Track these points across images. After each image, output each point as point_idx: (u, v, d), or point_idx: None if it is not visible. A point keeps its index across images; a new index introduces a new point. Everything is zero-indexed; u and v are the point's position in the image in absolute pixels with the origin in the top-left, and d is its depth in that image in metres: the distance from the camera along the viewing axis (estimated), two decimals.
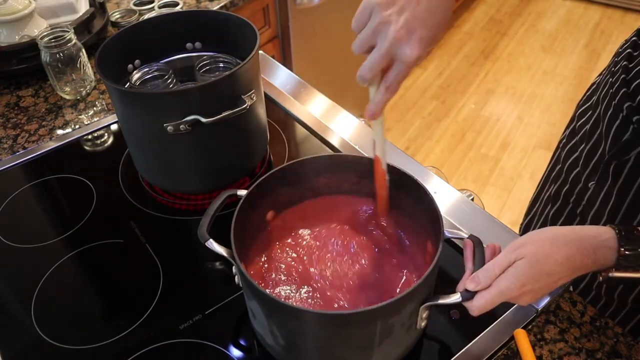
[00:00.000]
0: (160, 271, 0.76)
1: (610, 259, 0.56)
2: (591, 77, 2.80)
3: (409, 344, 0.63)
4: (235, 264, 0.58)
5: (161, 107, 0.73)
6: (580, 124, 0.83)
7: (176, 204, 0.86)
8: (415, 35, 0.54)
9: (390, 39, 0.55)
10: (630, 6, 3.25)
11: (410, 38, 0.54)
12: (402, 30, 0.54)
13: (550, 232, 0.57)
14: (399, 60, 0.56)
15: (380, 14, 0.55)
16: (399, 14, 0.55)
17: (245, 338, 0.68)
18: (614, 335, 0.67)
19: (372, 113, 0.60)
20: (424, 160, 2.35)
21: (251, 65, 0.76)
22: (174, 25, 0.88)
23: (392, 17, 0.55)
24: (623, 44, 0.77)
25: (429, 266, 0.56)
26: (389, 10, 0.55)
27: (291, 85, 1.07)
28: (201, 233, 0.62)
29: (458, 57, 2.98)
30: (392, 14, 0.55)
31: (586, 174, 0.78)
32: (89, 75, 1.10)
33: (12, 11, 1.11)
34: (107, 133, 1.01)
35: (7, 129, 1.02)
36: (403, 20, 0.54)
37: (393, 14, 0.55)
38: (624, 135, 0.69)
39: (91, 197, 0.87)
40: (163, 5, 1.31)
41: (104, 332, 0.69)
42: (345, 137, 0.95)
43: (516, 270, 0.55)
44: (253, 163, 0.88)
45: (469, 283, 0.57)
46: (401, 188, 0.67)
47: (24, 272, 0.78)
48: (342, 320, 0.54)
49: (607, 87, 0.75)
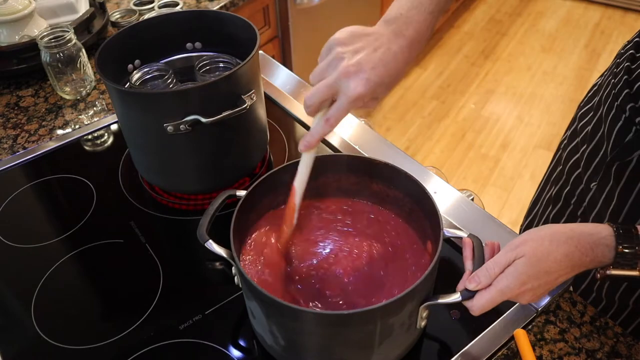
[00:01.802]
0: (160, 271, 0.76)
1: (608, 257, 0.56)
2: (591, 77, 2.80)
3: (409, 344, 0.63)
4: (235, 265, 0.58)
5: (161, 107, 0.73)
6: (581, 125, 0.82)
7: (176, 204, 0.86)
8: (363, 75, 0.57)
9: (338, 72, 0.58)
10: (630, 6, 3.25)
11: (358, 76, 0.57)
12: (352, 67, 0.57)
13: (548, 230, 0.57)
14: (343, 93, 0.58)
15: (336, 49, 0.59)
16: (354, 53, 0.58)
17: (245, 338, 0.68)
18: (614, 335, 0.67)
19: (307, 143, 0.61)
20: (424, 160, 2.35)
21: (251, 65, 0.76)
22: (174, 25, 0.88)
23: (346, 54, 0.58)
24: (625, 45, 0.77)
25: (428, 266, 0.56)
26: (345, 48, 0.59)
27: (291, 85, 1.07)
28: (200, 234, 0.62)
29: (458, 57, 2.98)
30: (347, 52, 0.58)
31: (587, 175, 0.77)
32: (89, 75, 1.10)
33: (12, 11, 1.11)
34: (107, 133, 1.01)
35: (7, 129, 1.02)
36: (355, 59, 0.58)
37: (348, 52, 0.58)
38: (626, 137, 0.69)
39: (91, 197, 0.87)
40: (163, 5, 1.31)
41: (104, 332, 0.69)
42: (345, 137, 0.95)
43: (516, 269, 0.55)
44: (253, 163, 0.88)
45: (469, 283, 0.57)
46: (401, 188, 0.67)
47: (24, 272, 0.78)
48: (342, 320, 0.54)
49: (609, 88, 0.75)
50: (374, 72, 0.57)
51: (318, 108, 0.60)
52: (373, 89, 0.58)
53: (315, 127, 0.61)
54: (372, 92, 0.58)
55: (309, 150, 0.62)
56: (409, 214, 0.68)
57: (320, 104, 0.59)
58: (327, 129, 0.60)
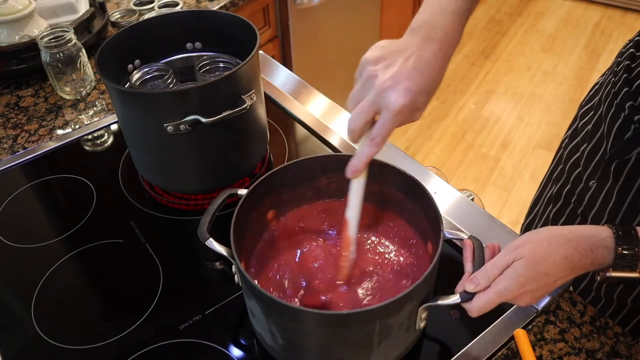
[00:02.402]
0: (160, 271, 0.76)
1: (608, 259, 0.56)
2: (591, 77, 2.80)
3: (408, 344, 0.63)
4: (235, 263, 0.58)
5: (161, 107, 0.73)
6: (582, 123, 0.83)
7: (176, 204, 0.86)
8: (401, 86, 0.56)
9: (376, 89, 0.56)
10: (630, 6, 3.25)
11: (396, 88, 0.56)
12: (388, 82, 0.56)
13: (548, 232, 0.57)
14: (385, 109, 0.56)
15: (368, 68, 0.58)
16: (386, 68, 0.57)
17: (245, 338, 0.68)
18: (614, 335, 0.67)
19: (354, 168, 0.60)
20: (424, 160, 2.35)
21: (251, 65, 0.76)
22: (174, 25, 0.88)
23: (379, 71, 0.57)
24: (626, 44, 0.77)
25: (428, 266, 0.56)
26: (377, 65, 0.58)
27: (291, 85, 1.07)
28: (201, 232, 0.62)
29: (458, 57, 2.98)
30: (379, 68, 0.57)
31: (587, 173, 0.78)
32: (89, 75, 1.10)
33: (12, 11, 1.11)
34: (107, 133, 1.01)
35: (7, 129, 1.02)
36: (390, 73, 0.57)
37: (380, 68, 0.57)
38: (625, 135, 0.69)
39: (91, 197, 0.87)
40: (163, 5, 1.31)
41: (104, 332, 0.69)
42: (345, 137, 0.95)
43: (514, 271, 0.55)
44: (253, 163, 0.88)
45: (468, 284, 0.56)
46: (401, 188, 0.67)
47: (24, 272, 0.78)
48: (341, 320, 0.54)
49: (609, 86, 0.75)
50: (411, 81, 0.56)
51: (362, 131, 0.58)
52: (414, 99, 0.56)
53: (361, 149, 0.59)
54: (413, 102, 0.56)
55: (357, 176, 0.60)
56: (409, 214, 0.68)
57: (364, 126, 0.58)
58: (374, 150, 0.58)
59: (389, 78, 0.56)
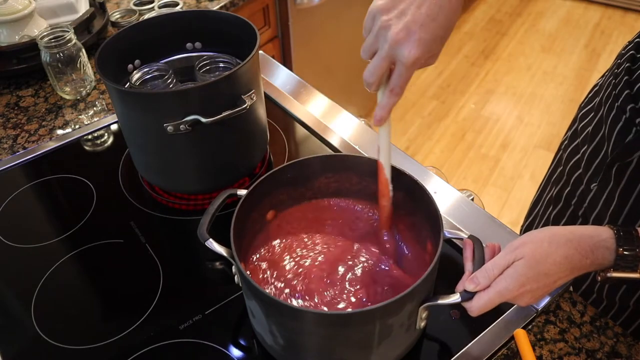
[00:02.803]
0: (160, 271, 0.76)
1: (609, 259, 0.56)
2: (591, 77, 2.80)
3: (409, 344, 0.63)
4: (235, 264, 0.58)
5: (161, 107, 0.73)
6: (582, 125, 0.82)
7: (176, 204, 0.86)
8: (414, 37, 0.55)
9: (389, 42, 0.56)
10: (630, 6, 3.25)
11: (409, 39, 0.55)
12: (402, 33, 0.55)
13: (548, 232, 0.57)
14: (399, 61, 0.56)
15: (380, 18, 0.57)
16: (399, 17, 0.56)
17: (245, 338, 0.68)
18: (614, 335, 0.67)
19: (380, 117, 0.61)
20: (424, 160, 2.35)
21: (251, 65, 0.76)
22: (174, 25, 0.88)
23: (391, 21, 0.56)
24: (626, 46, 0.76)
25: (428, 266, 0.56)
26: (389, 14, 0.56)
27: (291, 85, 1.07)
28: (201, 233, 0.62)
29: (458, 57, 2.98)
30: (392, 18, 0.56)
31: (588, 175, 0.77)
32: (89, 75, 1.10)
33: (12, 11, 1.11)
34: (107, 133, 1.01)
35: (7, 129, 1.02)
36: (402, 23, 0.55)
37: (393, 17, 0.56)
38: (626, 137, 0.69)
39: (91, 197, 0.87)
40: (163, 5, 1.31)
41: (104, 332, 0.69)
42: (345, 137, 0.95)
43: (515, 271, 0.55)
44: (253, 163, 0.88)
45: (468, 284, 0.57)
46: (401, 188, 0.67)
47: (24, 272, 0.78)
48: (341, 320, 0.54)
49: (609, 88, 0.75)
50: (424, 30, 0.55)
51: (379, 83, 0.59)
52: (428, 48, 0.56)
53: (382, 99, 0.60)
54: (428, 50, 0.56)
55: (383, 124, 0.62)
56: (409, 214, 0.68)
57: (381, 78, 0.58)
58: (395, 99, 0.59)
59: (402, 29, 0.55)
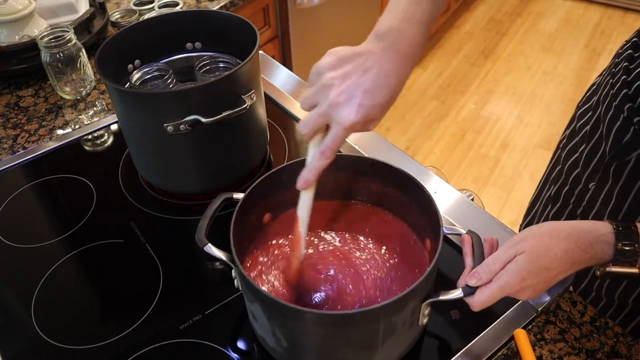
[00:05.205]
0: (160, 271, 0.76)
1: (608, 254, 0.56)
2: (591, 77, 2.80)
3: (411, 342, 0.63)
4: (236, 268, 0.57)
5: (161, 107, 0.73)
6: (580, 124, 0.83)
7: (176, 204, 0.86)
8: (355, 102, 0.55)
9: (329, 101, 0.56)
10: (630, 6, 3.25)
11: (349, 103, 0.55)
12: (343, 95, 0.55)
13: (549, 227, 0.58)
14: (336, 122, 0.56)
15: (325, 75, 0.57)
16: (343, 79, 0.56)
17: (245, 338, 0.68)
18: (614, 335, 0.67)
19: (305, 180, 0.59)
20: (424, 160, 2.35)
21: (251, 65, 0.76)
22: (174, 25, 0.88)
23: (335, 80, 0.56)
24: (623, 45, 0.77)
25: (429, 264, 0.56)
26: (334, 73, 0.56)
27: (291, 85, 1.07)
28: (199, 238, 0.61)
29: (458, 57, 2.98)
30: (336, 77, 0.56)
31: (586, 174, 0.77)
32: (89, 75, 1.10)
33: (12, 11, 1.11)
34: (107, 133, 1.01)
35: (7, 129, 1.02)
36: (345, 86, 0.55)
37: (337, 78, 0.56)
38: (624, 137, 0.69)
39: (91, 197, 0.87)
40: (163, 5, 1.31)
41: (104, 332, 0.69)
42: None
43: (516, 265, 0.55)
44: (253, 163, 0.88)
45: (470, 279, 0.57)
46: (401, 188, 0.67)
47: (24, 272, 0.78)
48: (345, 319, 0.54)
49: (607, 88, 0.75)
50: (366, 97, 0.55)
51: (313, 135, 0.59)
52: (368, 114, 0.56)
53: (311, 162, 0.59)
54: (367, 116, 0.56)
55: (308, 188, 0.60)
56: (409, 214, 0.68)
57: (314, 132, 0.58)
58: (325, 162, 0.58)
59: (343, 91, 0.55)
